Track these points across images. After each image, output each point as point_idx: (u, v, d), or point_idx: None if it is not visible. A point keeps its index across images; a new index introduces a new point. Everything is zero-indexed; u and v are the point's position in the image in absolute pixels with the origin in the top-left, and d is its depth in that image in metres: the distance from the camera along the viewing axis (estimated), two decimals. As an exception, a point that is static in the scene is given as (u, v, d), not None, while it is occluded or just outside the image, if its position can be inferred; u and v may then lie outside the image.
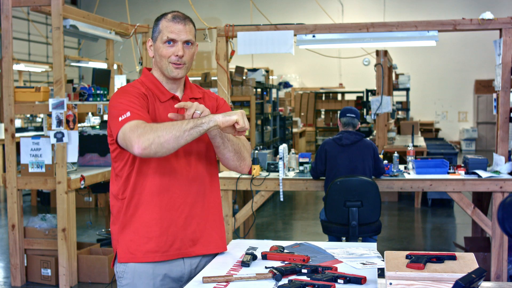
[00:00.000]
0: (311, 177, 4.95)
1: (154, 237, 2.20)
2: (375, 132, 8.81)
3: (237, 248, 2.49)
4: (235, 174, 5.06)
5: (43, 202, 8.81)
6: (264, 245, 2.51)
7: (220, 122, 2.05)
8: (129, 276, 2.22)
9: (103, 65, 8.32)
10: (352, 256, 2.33)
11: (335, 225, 4.52)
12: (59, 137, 4.78)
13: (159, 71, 2.28)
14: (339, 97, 15.56)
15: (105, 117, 7.27)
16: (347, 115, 4.72)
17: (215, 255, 2.36)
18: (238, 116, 2.08)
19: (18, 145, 5.01)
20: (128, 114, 2.07)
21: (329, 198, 4.46)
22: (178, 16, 2.24)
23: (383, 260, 2.18)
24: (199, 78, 8.84)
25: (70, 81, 7.37)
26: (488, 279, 4.64)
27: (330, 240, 4.72)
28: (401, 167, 5.44)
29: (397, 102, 12.88)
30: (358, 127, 4.77)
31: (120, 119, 2.07)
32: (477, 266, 1.78)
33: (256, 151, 5.36)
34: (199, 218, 2.27)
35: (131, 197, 2.21)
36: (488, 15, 4.86)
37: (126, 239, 2.22)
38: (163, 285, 2.23)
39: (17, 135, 5.78)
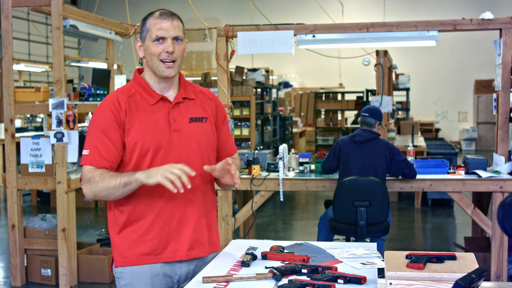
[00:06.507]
0: (312, 177, 4.97)
1: (148, 240, 2.20)
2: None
3: (237, 248, 2.49)
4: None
5: (43, 202, 8.80)
6: (264, 245, 2.51)
7: (144, 182, 2.09)
8: (128, 276, 2.23)
9: (103, 65, 8.31)
10: (352, 256, 2.33)
11: (343, 225, 4.52)
12: (59, 137, 4.78)
13: (150, 71, 2.26)
14: (339, 97, 15.54)
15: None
16: (362, 114, 4.78)
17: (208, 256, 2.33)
18: (159, 179, 2.04)
19: (18, 145, 5.01)
20: (87, 152, 2.17)
21: (337, 197, 4.47)
22: (165, 13, 2.21)
23: (383, 260, 2.18)
24: (199, 78, 8.83)
25: (70, 81, 7.35)
26: (488, 279, 4.64)
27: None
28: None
29: (397, 102, 12.88)
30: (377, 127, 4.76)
31: (83, 152, 2.19)
32: (477, 266, 1.78)
33: (256, 151, 5.36)
34: (196, 219, 2.25)
35: (127, 202, 2.22)
36: (488, 15, 4.86)
37: (120, 243, 2.23)
38: (162, 284, 2.23)
39: (17, 135, 5.78)
